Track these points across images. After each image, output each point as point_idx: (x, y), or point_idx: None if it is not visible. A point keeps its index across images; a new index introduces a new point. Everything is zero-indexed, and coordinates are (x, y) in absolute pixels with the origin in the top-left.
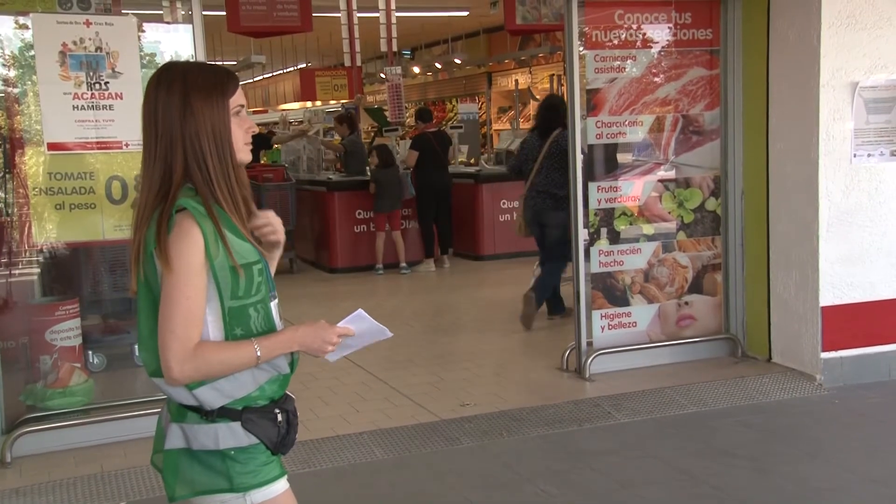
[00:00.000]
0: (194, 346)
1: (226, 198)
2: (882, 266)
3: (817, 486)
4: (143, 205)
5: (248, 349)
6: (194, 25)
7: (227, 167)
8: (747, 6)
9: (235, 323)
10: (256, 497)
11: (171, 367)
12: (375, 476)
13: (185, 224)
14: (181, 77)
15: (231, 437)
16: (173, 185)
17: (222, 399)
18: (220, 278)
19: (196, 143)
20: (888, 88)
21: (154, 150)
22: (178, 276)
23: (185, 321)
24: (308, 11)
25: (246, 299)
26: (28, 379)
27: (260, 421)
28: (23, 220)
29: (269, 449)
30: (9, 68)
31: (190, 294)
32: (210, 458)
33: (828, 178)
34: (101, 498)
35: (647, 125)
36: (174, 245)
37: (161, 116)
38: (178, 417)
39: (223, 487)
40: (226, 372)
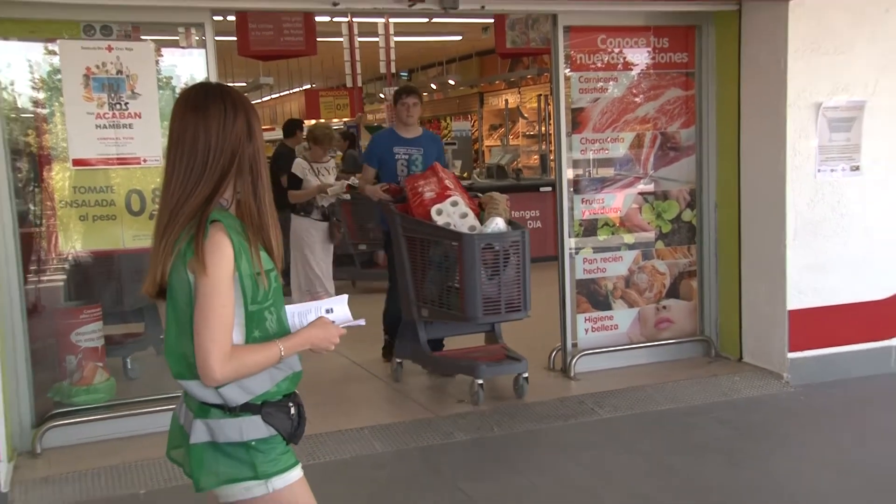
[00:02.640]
0: (229, 349)
1: (263, 210)
2: (844, 273)
3: (784, 477)
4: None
5: (273, 349)
6: (207, 50)
7: (268, 185)
8: (720, 32)
9: (254, 326)
10: (277, 483)
11: (214, 369)
12: (375, 468)
13: (217, 236)
14: (242, 101)
15: (254, 430)
16: (217, 196)
17: (245, 396)
18: (245, 285)
19: (255, 164)
20: (848, 109)
21: (211, 165)
22: (214, 286)
23: (222, 327)
24: (312, 36)
25: (263, 304)
26: (55, 377)
27: (277, 414)
28: (50, 231)
29: (284, 439)
30: (38, 90)
31: (224, 302)
32: (234, 450)
33: (794, 191)
34: (123, 487)
35: (628, 142)
36: (210, 255)
37: (224, 135)
38: (202, 414)
39: (248, 476)
40: (255, 371)
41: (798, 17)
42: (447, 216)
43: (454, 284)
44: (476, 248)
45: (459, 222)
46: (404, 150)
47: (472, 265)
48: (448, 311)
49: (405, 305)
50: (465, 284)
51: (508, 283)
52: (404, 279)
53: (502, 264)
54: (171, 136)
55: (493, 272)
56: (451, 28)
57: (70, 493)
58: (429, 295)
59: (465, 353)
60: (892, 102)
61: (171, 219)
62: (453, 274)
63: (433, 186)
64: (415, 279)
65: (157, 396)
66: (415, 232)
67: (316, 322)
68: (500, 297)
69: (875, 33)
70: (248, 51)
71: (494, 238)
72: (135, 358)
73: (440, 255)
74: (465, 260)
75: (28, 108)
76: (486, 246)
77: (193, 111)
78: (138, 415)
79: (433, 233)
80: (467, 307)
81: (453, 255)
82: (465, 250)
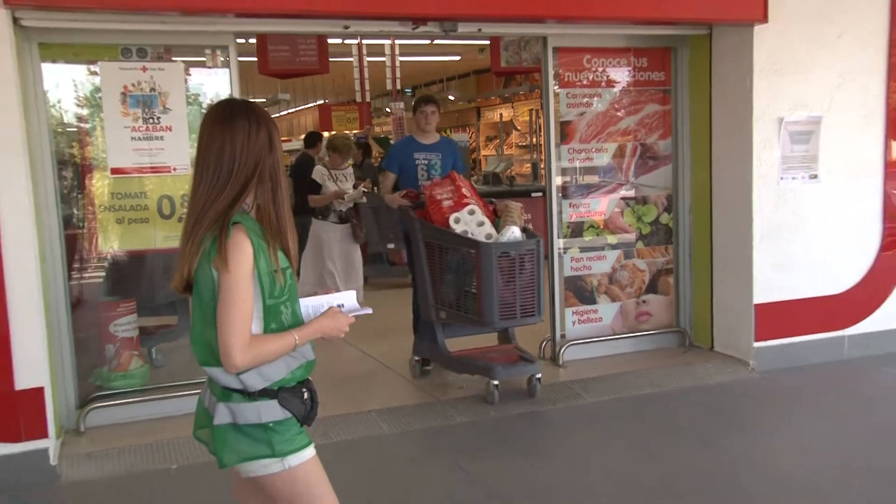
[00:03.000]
0: (249, 339)
1: (280, 213)
2: (803, 271)
3: (750, 453)
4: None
5: (289, 338)
6: (231, 69)
7: (285, 191)
8: (693, 54)
9: (271, 318)
10: (292, 460)
11: (235, 357)
12: (382, 447)
13: (238, 237)
14: (264, 116)
15: (271, 412)
16: (240, 201)
17: (263, 382)
18: (263, 282)
19: (274, 172)
20: (807, 123)
21: (236, 173)
22: (235, 281)
23: (243, 320)
24: (325, 56)
25: (280, 298)
26: (96, 364)
27: (292, 398)
28: (91, 232)
29: (298, 421)
30: (81, 107)
31: (244, 297)
32: (254, 431)
33: (760, 197)
34: (156, 462)
35: (611, 152)
36: (232, 253)
37: (248, 146)
38: (224, 398)
39: (266, 454)
40: (273, 358)
41: (762, 41)
42: (465, 224)
43: (471, 289)
44: (493, 257)
45: (477, 230)
46: (423, 155)
47: (490, 272)
48: (465, 315)
49: (424, 306)
50: (482, 291)
51: (523, 289)
52: (423, 282)
53: (518, 271)
54: (199, 147)
55: (509, 278)
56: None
57: (110, 467)
58: (446, 298)
59: (481, 354)
60: (845, 118)
61: (197, 221)
62: (470, 279)
63: (450, 194)
64: (433, 283)
65: (185, 382)
66: (434, 238)
67: (327, 313)
68: (515, 302)
69: (830, 56)
70: (268, 70)
71: (510, 246)
72: (159, 349)
73: (457, 261)
74: (483, 267)
75: (72, 123)
76: (503, 254)
77: (221, 125)
78: (169, 398)
79: (452, 240)
80: (484, 312)
81: (470, 262)
82: (483, 258)
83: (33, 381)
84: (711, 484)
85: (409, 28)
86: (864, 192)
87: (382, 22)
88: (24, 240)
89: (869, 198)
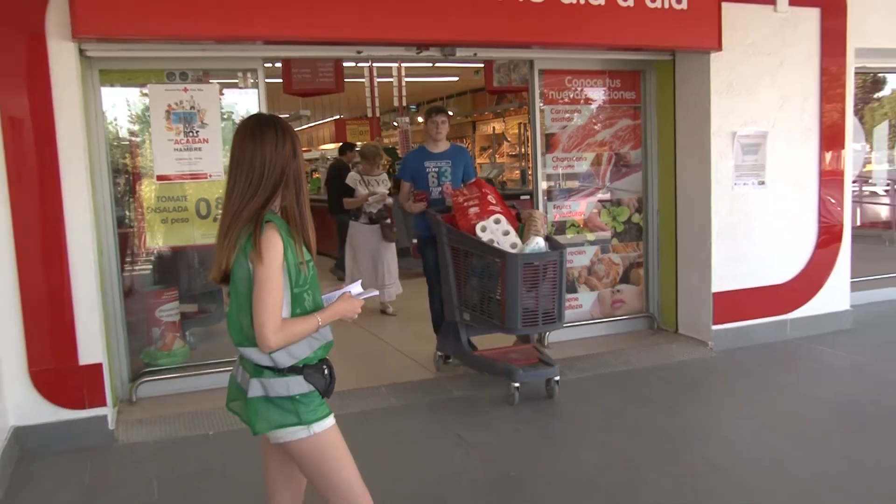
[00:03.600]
0: (280, 321)
1: (303, 213)
2: (753, 264)
3: (708, 421)
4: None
5: (312, 320)
6: (259, 89)
7: (306, 194)
8: (659, 77)
9: (297, 305)
10: (316, 428)
11: (269, 338)
12: (391, 418)
13: (270, 233)
14: (288, 128)
15: (297, 386)
16: (268, 204)
17: (291, 360)
18: (291, 273)
19: (298, 177)
20: (756, 137)
21: (263, 176)
22: (268, 273)
23: (275, 305)
24: (341, 78)
25: (303, 287)
26: (144, 344)
27: (315, 374)
28: (140, 231)
29: (320, 394)
30: (133, 124)
31: (277, 286)
32: (283, 402)
33: (717, 200)
34: (195, 428)
35: (589, 160)
36: (266, 248)
37: (279, 156)
38: (257, 374)
39: (293, 422)
40: (299, 338)
41: (717, 66)
42: (490, 233)
43: (495, 295)
44: (519, 267)
45: (502, 239)
46: (434, 163)
47: (515, 281)
48: (488, 319)
49: (448, 307)
50: (507, 298)
51: (545, 297)
52: (448, 283)
53: (541, 280)
54: (232, 156)
55: (532, 287)
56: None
57: (158, 432)
58: (470, 301)
59: (502, 355)
60: (787, 133)
61: (233, 221)
62: (494, 286)
63: (477, 202)
64: (458, 285)
65: (219, 361)
66: (460, 243)
67: (342, 297)
68: (537, 309)
69: (773, 81)
70: (291, 90)
71: (535, 257)
72: (192, 333)
73: (482, 267)
74: (508, 276)
75: (125, 137)
76: (527, 264)
77: (252, 137)
78: (206, 374)
79: (478, 248)
80: (508, 319)
81: (495, 269)
82: (509, 268)
83: (93, 358)
84: (674, 445)
85: (413, 52)
86: (803, 196)
87: (390, 47)
88: (85, 238)
89: (807, 202)
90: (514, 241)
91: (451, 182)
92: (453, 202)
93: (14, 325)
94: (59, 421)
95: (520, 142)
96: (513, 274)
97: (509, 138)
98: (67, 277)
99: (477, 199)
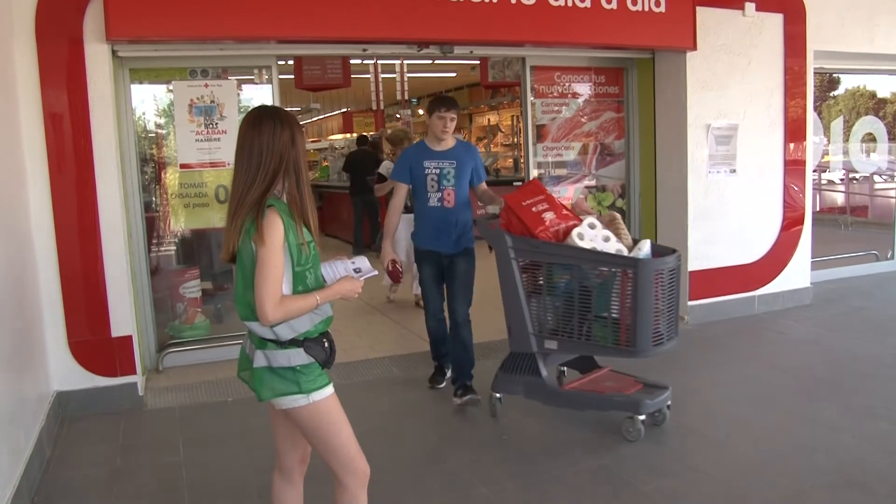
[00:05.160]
0: (280, 298)
1: (303, 197)
2: (726, 245)
3: (686, 388)
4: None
5: (311, 298)
6: (273, 85)
7: (306, 180)
8: (640, 73)
9: (298, 282)
10: (315, 396)
11: (268, 312)
12: (393, 387)
13: (272, 216)
14: (289, 119)
15: (298, 357)
16: (272, 188)
17: (292, 333)
18: (292, 253)
19: (295, 164)
20: (728, 129)
21: (264, 164)
22: (269, 252)
23: (275, 282)
24: (348, 74)
25: (305, 266)
26: (169, 318)
27: (315, 347)
28: (165, 215)
29: (320, 365)
30: (160, 117)
31: (277, 264)
32: (285, 372)
33: (693, 187)
34: (216, 395)
35: (577, 149)
36: (267, 230)
37: (277, 144)
38: (261, 346)
39: (294, 390)
40: (298, 314)
41: (693, 65)
42: (590, 240)
43: (608, 314)
44: (651, 276)
45: (604, 246)
46: (434, 163)
47: (648, 294)
48: (595, 344)
49: (516, 336)
50: (638, 315)
51: (667, 309)
52: (517, 308)
53: (667, 290)
54: (237, 145)
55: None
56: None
57: (183, 398)
58: (556, 325)
59: (597, 385)
60: (755, 126)
61: (238, 206)
62: (603, 302)
63: (547, 205)
64: (539, 308)
65: (238, 334)
66: (544, 256)
67: (344, 278)
68: (659, 324)
69: (742, 78)
70: (302, 85)
71: (663, 264)
72: (221, 307)
73: (572, 281)
74: (640, 288)
75: (152, 130)
76: (656, 273)
77: (251, 127)
78: (225, 346)
79: (594, 259)
80: (639, 339)
81: (608, 283)
82: (641, 278)
83: (124, 331)
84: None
85: (415, 50)
86: (770, 183)
87: (393, 45)
88: (115, 222)
89: (773, 188)
90: (617, 247)
91: (454, 188)
92: (513, 207)
93: (56, 300)
94: (95, 387)
95: (513, 132)
96: (645, 285)
97: (503, 129)
98: (101, 257)
99: (544, 200)
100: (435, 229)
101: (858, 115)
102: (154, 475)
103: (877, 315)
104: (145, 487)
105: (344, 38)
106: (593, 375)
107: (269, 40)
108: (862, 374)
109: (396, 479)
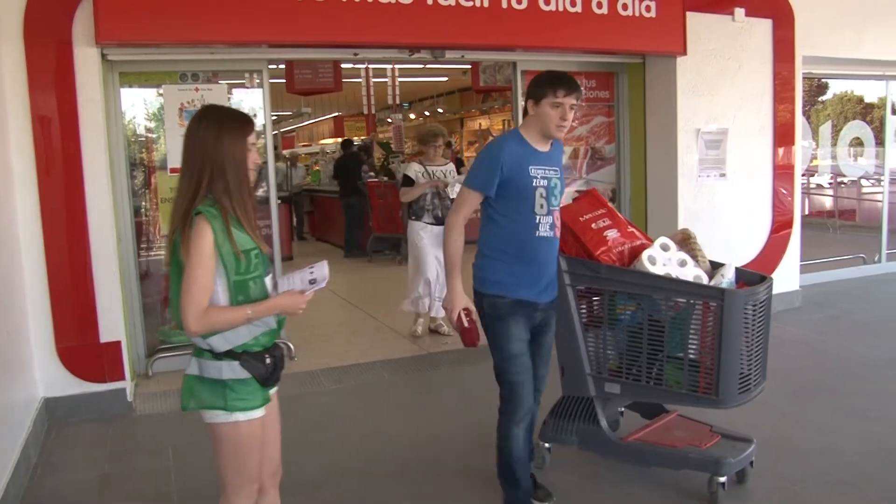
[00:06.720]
0: (204, 309)
1: (236, 204)
2: (715, 248)
3: None
4: (177, 208)
5: (241, 312)
6: (264, 89)
7: (241, 184)
8: (631, 78)
9: (238, 292)
10: (239, 416)
11: (190, 324)
12: (385, 390)
13: (199, 224)
14: (216, 117)
15: (230, 371)
16: (199, 194)
17: (227, 345)
18: (226, 261)
19: (221, 166)
20: (718, 133)
21: (191, 169)
22: (195, 261)
23: (198, 292)
24: (339, 78)
25: (246, 275)
26: (159, 323)
27: (253, 361)
28: (154, 219)
29: (260, 382)
30: (150, 121)
31: (201, 274)
32: (214, 385)
33: (683, 190)
34: None
35: (568, 153)
36: (192, 239)
37: (199, 145)
38: (197, 354)
39: (219, 406)
40: (225, 327)
41: (683, 69)
42: (663, 264)
43: (685, 354)
44: (740, 310)
45: (681, 272)
46: (542, 171)
47: (735, 331)
48: (669, 390)
49: (570, 377)
50: (723, 356)
51: (756, 349)
52: (574, 344)
53: (758, 326)
54: None
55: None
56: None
57: (172, 403)
58: (619, 364)
59: (665, 437)
60: (745, 130)
61: (173, 214)
62: (677, 341)
63: (608, 220)
64: (593, 342)
65: None
66: (614, 283)
67: (286, 292)
68: (746, 366)
69: (732, 83)
70: (294, 88)
71: (754, 296)
72: None
73: (638, 313)
74: (727, 324)
75: (142, 134)
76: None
77: (190, 127)
78: None
79: (674, 288)
80: (722, 386)
81: (685, 316)
82: (728, 312)
83: (113, 336)
84: None
85: (406, 55)
86: (759, 187)
87: (385, 50)
88: (104, 225)
89: (762, 192)
90: (696, 272)
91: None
92: (569, 224)
93: (43, 306)
94: (83, 393)
95: None
96: (733, 321)
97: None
98: (89, 262)
99: (606, 216)
100: (539, 272)
101: (846, 119)
102: (144, 481)
103: (866, 318)
104: (135, 493)
105: (335, 43)
106: (660, 423)
107: (259, 44)
108: (852, 376)
109: (388, 481)
